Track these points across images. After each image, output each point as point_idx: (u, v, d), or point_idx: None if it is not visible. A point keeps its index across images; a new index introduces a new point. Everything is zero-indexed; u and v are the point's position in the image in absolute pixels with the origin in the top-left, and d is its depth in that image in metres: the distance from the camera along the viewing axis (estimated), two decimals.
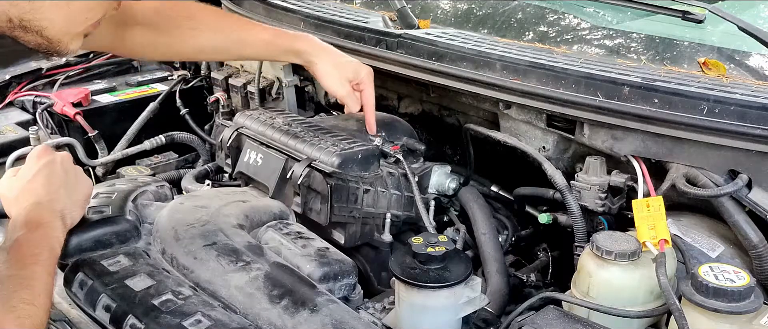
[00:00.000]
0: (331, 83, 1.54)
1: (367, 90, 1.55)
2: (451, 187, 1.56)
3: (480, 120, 1.60)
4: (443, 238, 1.16)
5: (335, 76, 1.53)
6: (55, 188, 1.23)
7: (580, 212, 1.33)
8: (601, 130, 1.34)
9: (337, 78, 1.53)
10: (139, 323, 1.09)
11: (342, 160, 1.41)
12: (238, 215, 1.38)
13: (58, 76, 2.14)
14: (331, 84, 1.54)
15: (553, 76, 1.36)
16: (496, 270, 1.42)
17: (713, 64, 1.37)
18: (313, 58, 1.54)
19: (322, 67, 1.54)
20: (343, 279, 1.26)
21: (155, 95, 2.10)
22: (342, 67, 1.53)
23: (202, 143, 2.08)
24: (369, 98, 1.55)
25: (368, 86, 1.55)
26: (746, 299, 0.98)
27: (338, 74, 1.53)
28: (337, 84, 1.53)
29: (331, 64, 1.53)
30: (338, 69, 1.53)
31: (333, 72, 1.53)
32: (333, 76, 1.53)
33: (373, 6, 1.97)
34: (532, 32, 1.77)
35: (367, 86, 1.55)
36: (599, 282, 1.12)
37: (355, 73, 1.54)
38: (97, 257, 1.25)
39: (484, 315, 1.25)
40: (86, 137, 1.95)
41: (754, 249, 1.18)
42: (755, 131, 1.16)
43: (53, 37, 0.97)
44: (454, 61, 1.50)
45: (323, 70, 1.54)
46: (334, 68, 1.53)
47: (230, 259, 1.22)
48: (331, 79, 1.53)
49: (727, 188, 1.18)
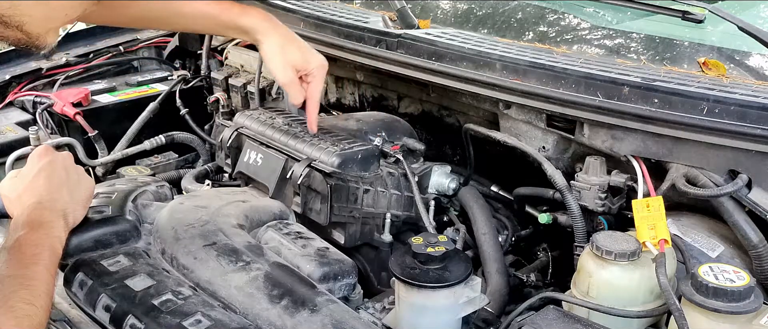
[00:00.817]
0: (273, 66, 1.40)
1: (314, 84, 1.41)
2: (451, 187, 1.56)
3: (480, 120, 1.60)
4: (443, 238, 1.16)
5: (279, 59, 1.38)
6: (57, 187, 1.23)
7: (580, 212, 1.33)
8: (601, 130, 1.34)
9: (281, 62, 1.38)
10: (139, 323, 1.09)
11: (342, 160, 1.41)
12: (238, 215, 1.38)
13: (58, 76, 2.14)
14: (274, 67, 1.40)
15: (553, 76, 1.36)
16: (496, 270, 1.42)
17: (713, 64, 1.37)
18: (259, 37, 1.40)
19: (268, 48, 1.39)
20: (343, 279, 1.26)
21: (155, 95, 2.10)
22: (289, 51, 1.38)
23: (202, 143, 2.08)
24: (314, 91, 1.42)
25: (317, 80, 1.41)
26: (746, 299, 0.98)
27: (283, 58, 1.38)
28: (279, 68, 1.39)
29: (278, 46, 1.38)
30: (284, 53, 1.38)
31: (278, 55, 1.38)
32: (277, 60, 1.39)
33: (373, 6, 1.97)
34: (532, 32, 1.77)
35: (315, 79, 1.41)
36: (599, 282, 1.12)
37: (303, 62, 1.39)
38: (97, 257, 1.25)
39: (484, 315, 1.25)
40: (86, 137, 1.95)
41: (754, 249, 1.18)
42: (755, 131, 1.16)
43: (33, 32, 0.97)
44: (454, 61, 1.50)
45: (268, 50, 1.39)
46: (279, 51, 1.38)
47: (230, 259, 1.22)
48: (274, 62, 1.39)
49: (727, 188, 1.18)
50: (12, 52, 2.14)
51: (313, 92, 1.42)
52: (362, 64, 1.68)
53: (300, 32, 1.78)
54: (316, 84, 1.42)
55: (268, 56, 1.40)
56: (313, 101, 1.43)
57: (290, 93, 1.43)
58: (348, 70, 1.85)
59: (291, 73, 1.39)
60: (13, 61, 2.13)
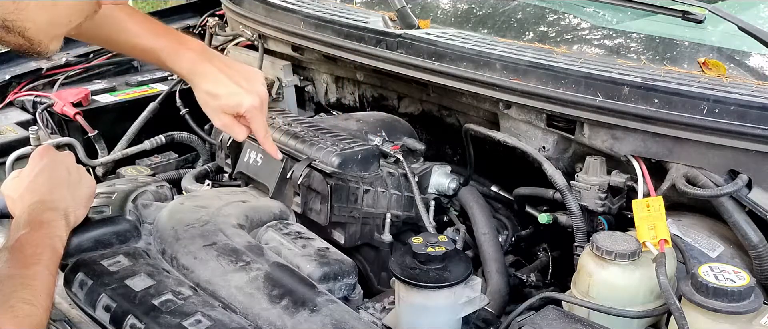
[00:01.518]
0: (206, 111, 1.37)
1: (254, 123, 1.36)
2: (451, 187, 1.56)
3: (480, 120, 1.60)
4: (443, 238, 1.16)
5: (211, 105, 1.35)
6: (58, 187, 1.23)
7: (580, 212, 1.33)
8: (601, 130, 1.34)
9: (213, 108, 1.35)
10: (139, 323, 1.09)
11: (342, 160, 1.41)
12: (238, 215, 1.38)
13: (58, 76, 2.14)
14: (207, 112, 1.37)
15: (553, 76, 1.36)
16: (496, 270, 1.42)
17: (713, 64, 1.37)
18: (191, 83, 1.38)
19: (198, 94, 1.37)
20: (343, 279, 1.26)
21: (155, 95, 2.10)
22: (218, 98, 1.34)
23: (202, 143, 2.08)
24: (258, 130, 1.37)
25: (255, 119, 1.35)
26: (746, 299, 0.98)
27: (214, 104, 1.35)
28: (211, 114, 1.36)
29: (206, 94, 1.35)
30: (214, 99, 1.34)
31: (208, 100, 1.35)
32: (208, 106, 1.36)
33: (373, 6, 1.97)
34: (532, 32, 1.77)
35: (253, 120, 1.35)
36: (599, 282, 1.12)
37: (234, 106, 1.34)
38: (97, 257, 1.25)
39: (484, 315, 1.25)
40: (86, 137, 1.95)
41: (754, 249, 1.18)
42: (755, 131, 1.16)
43: (35, 38, 0.97)
44: (454, 61, 1.50)
45: (199, 98, 1.37)
46: (209, 98, 1.35)
47: (230, 259, 1.22)
48: (206, 108, 1.37)
49: (727, 188, 1.18)
50: (12, 52, 2.14)
51: (257, 130, 1.38)
52: (362, 64, 1.68)
53: (300, 32, 1.79)
54: (256, 123, 1.37)
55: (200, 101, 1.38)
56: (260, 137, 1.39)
57: (231, 134, 1.39)
58: (348, 70, 1.85)
59: (225, 118, 1.36)
60: (13, 61, 2.13)
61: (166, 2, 5.52)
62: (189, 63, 1.35)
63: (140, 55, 1.46)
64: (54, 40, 1.00)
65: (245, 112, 1.34)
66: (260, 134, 1.37)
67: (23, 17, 0.94)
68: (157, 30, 1.40)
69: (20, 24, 0.94)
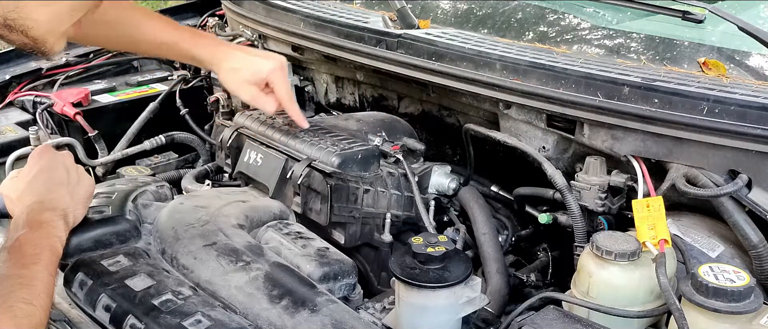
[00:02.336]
0: (232, 88, 1.47)
1: (278, 86, 1.43)
2: (451, 187, 1.56)
3: (480, 120, 1.60)
4: (443, 238, 1.16)
5: (234, 80, 1.43)
6: (57, 187, 1.23)
7: (580, 212, 1.33)
8: (601, 130, 1.34)
9: (237, 82, 1.43)
10: (139, 323, 1.09)
11: (342, 160, 1.41)
12: (238, 215, 1.38)
13: (58, 76, 2.14)
14: (233, 89, 1.47)
15: (553, 76, 1.36)
16: (496, 270, 1.42)
17: (713, 64, 1.37)
18: (212, 66, 1.48)
19: (222, 75, 1.46)
20: (343, 279, 1.26)
21: (155, 95, 2.10)
22: (242, 70, 1.43)
23: (202, 143, 2.08)
24: (282, 94, 1.44)
25: (278, 83, 1.43)
26: (746, 299, 0.98)
27: (237, 78, 1.43)
28: (237, 89, 1.44)
29: (229, 70, 1.44)
30: (236, 73, 1.43)
31: (231, 77, 1.43)
32: (232, 82, 1.44)
33: (373, 6, 1.97)
34: (532, 32, 1.77)
35: (276, 83, 1.43)
36: (599, 282, 1.12)
37: (254, 73, 1.43)
38: (97, 257, 1.25)
39: (484, 315, 1.25)
40: (86, 137, 1.95)
41: (754, 249, 1.18)
42: (755, 131, 1.16)
43: (38, 36, 0.97)
44: (454, 61, 1.50)
45: (223, 77, 1.46)
46: (232, 73, 1.43)
47: (230, 259, 1.22)
48: (231, 84, 1.45)
49: (727, 188, 1.18)
50: (12, 52, 2.14)
51: (281, 95, 1.44)
52: (362, 64, 1.68)
53: (300, 32, 1.79)
54: (280, 86, 1.44)
55: (225, 82, 1.46)
56: (286, 101, 1.45)
57: (260, 107, 1.46)
58: (348, 70, 1.85)
59: (252, 90, 1.43)
60: (13, 62, 2.13)
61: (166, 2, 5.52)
62: (209, 48, 1.44)
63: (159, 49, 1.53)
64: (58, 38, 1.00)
65: (268, 75, 1.41)
66: (285, 97, 1.43)
67: (24, 15, 0.94)
68: (173, 24, 1.50)
69: (22, 22, 0.94)
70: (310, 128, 1.56)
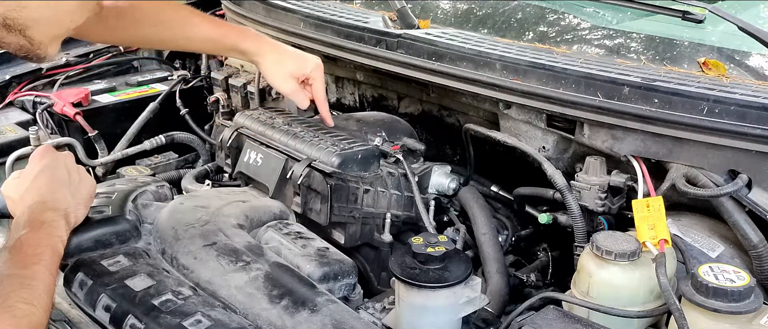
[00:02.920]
0: (274, 80, 1.54)
1: (316, 84, 1.54)
2: (451, 187, 1.56)
3: (480, 120, 1.60)
4: (443, 238, 1.16)
5: (278, 73, 1.52)
6: (58, 187, 1.23)
7: (580, 212, 1.33)
8: (601, 130, 1.34)
9: (280, 75, 1.52)
10: (139, 323, 1.09)
11: (342, 160, 1.41)
12: (238, 215, 1.38)
13: (58, 76, 2.14)
14: (275, 81, 1.54)
15: (553, 76, 1.36)
16: (496, 270, 1.42)
17: (713, 64, 1.37)
18: (257, 58, 1.54)
19: (266, 66, 1.54)
20: (343, 279, 1.26)
21: (155, 95, 2.10)
22: (284, 63, 1.52)
23: (202, 143, 2.08)
24: (318, 91, 1.54)
25: (317, 80, 1.54)
26: (746, 299, 0.98)
27: (281, 71, 1.52)
28: (280, 81, 1.53)
29: (274, 62, 1.52)
30: (281, 66, 1.52)
31: (275, 69, 1.52)
32: (276, 74, 1.53)
33: (373, 6, 1.97)
34: (532, 32, 1.77)
35: (315, 80, 1.54)
36: (599, 282, 1.12)
37: (299, 68, 1.52)
38: (97, 257, 1.25)
39: (484, 315, 1.25)
40: (86, 137, 1.95)
41: (754, 249, 1.18)
42: (755, 131, 1.16)
43: (35, 38, 0.97)
44: (454, 61, 1.50)
45: (266, 68, 1.54)
46: (276, 65, 1.52)
47: (230, 259, 1.22)
48: (274, 76, 1.53)
49: (727, 188, 1.18)
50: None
51: (318, 92, 1.54)
52: (362, 64, 1.68)
53: (300, 32, 1.79)
54: (317, 84, 1.54)
55: (268, 73, 1.54)
56: (320, 100, 1.55)
57: (296, 100, 1.54)
58: (348, 70, 1.85)
59: (292, 83, 1.52)
60: (13, 62, 2.13)
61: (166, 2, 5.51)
62: (254, 42, 1.53)
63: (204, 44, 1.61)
64: (53, 42, 1.00)
65: (311, 71, 1.51)
66: (321, 95, 1.55)
67: (25, 15, 0.93)
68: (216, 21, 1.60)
69: (21, 22, 0.94)
70: (310, 128, 1.56)
